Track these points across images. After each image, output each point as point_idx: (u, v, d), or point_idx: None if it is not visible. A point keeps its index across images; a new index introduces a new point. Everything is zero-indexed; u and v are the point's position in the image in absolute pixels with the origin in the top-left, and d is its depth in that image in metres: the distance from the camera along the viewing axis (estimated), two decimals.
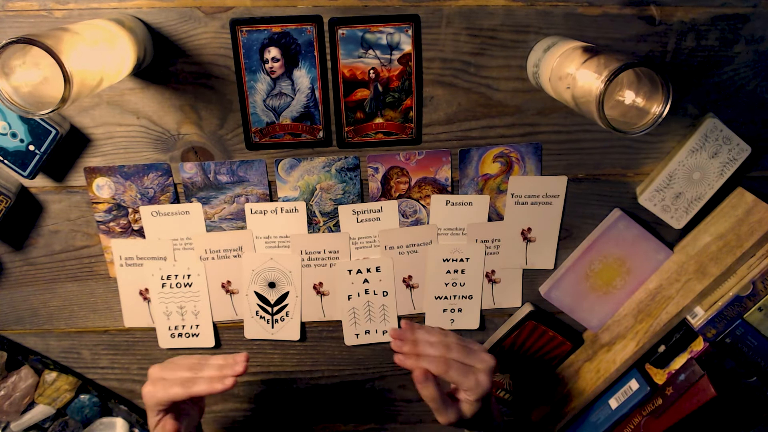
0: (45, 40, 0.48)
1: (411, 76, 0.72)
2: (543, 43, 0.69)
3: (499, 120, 0.75)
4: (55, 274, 0.81)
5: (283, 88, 0.72)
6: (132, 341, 0.86)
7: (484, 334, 0.88)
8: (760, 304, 0.73)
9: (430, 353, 0.65)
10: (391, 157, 0.77)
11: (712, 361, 0.76)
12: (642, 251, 0.81)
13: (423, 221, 0.81)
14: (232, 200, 0.78)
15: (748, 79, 0.74)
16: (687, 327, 0.77)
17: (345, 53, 0.70)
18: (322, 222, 0.80)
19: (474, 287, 0.84)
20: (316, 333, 0.87)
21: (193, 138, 0.74)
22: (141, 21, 0.67)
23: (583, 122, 0.75)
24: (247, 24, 0.68)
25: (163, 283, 0.81)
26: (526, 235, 0.81)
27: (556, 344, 0.86)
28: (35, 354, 0.85)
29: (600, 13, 0.70)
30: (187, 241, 0.80)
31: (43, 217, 0.78)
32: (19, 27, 0.67)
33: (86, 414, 0.86)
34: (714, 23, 0.71)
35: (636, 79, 0.58)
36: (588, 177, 0.79)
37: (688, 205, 0.77)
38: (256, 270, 0.82)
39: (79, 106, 0.72)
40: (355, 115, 0.74)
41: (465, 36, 0.70)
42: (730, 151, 0.74)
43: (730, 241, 0.73)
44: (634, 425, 0.80)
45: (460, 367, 0.64)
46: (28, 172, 0.71)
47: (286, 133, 0.74)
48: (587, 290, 0.83)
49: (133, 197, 0.77)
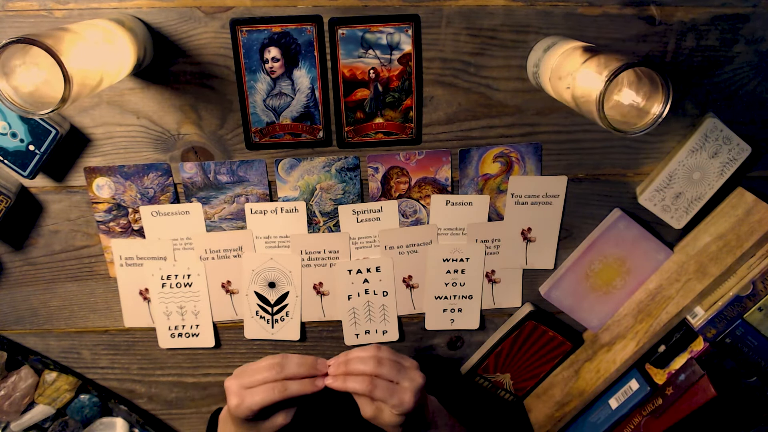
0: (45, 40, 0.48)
1: (411, 76, 0.72)
2: (543, 43, 0.69)
3: (499, 120, 0.75)
4: (55, 274, 0.81)
5: (283, 88, 0.72)
6: (132, 341, 0.86)
7: (484, 334, 0.88)
8: (760, 304, 0.73)
9: (358, 368, 0.66)
10: (391, 157, 0.77)
11: (712, 361, 0.76)
12: (642, 251, 0.81)
13: (423, 221, 0.81)
14: (232, 200, 0.78)
15: (748, 79, 0.74)
16: (687, 327, 0.77)
17: (345, 53, 0.70)
18: (322, 222, 0.80)
19: (474, 287, 0.84)
20: (316, 333, 0.87)
21: (193, 138, 0.74)
22: (141, 21, 0.67)
23: (583, 122, 0.75)
24: (247, 24, 0.68)
25: (163, 283, 0.81)
26: (526, 235, 0.81)
27: (556, 344, 0.86)
28: (35, 354, 0.85)
29: (600, 13, 0.70)
30: (187, 241, 0.80)
31: (43, 217, 0.78)
32: (19, 27, 0.67)
33: (86, 414, 0.86)
34: (714, 23, 0.71)
35: (636, 79, 0.58)
36: (588, 177, 0.79)
37: (688, 205, 0.77)
38: (256, 270, 0.82)
39: (79, 106, 0.72)
40: (355, 115, 0.74)
41: (465, 36, 0.70)
42: (730, 151, 0.74)
43: (730, 241, 0.73)
44: (634, 425, 0.80)
45: (386, 386, 0.65)
46: (28, 172, 0.71)
47: (286, 133, 0.74)
48: (587, 290, 0.83)
49: (133, 197, 0.77)
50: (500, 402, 0.91)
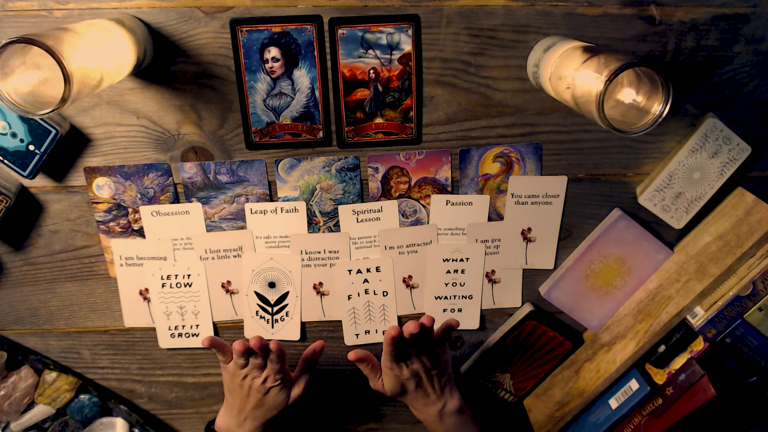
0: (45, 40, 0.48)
1: (411, 76, 0.72)
2: (543, 43, 0.69)
3: (499, 120, 0.75)
4: (55, 274, 0.81)
5: (283, 88, 0.72)
6: (132, 341, 0.86)
7: (484, 334, 0.88)
8: (760, 304, 0.73)
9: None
10: (391, 157, 0.77)
11: (712, 361, 0.76)
12: (642, 251, 0.81)
13: (423, 221, 0.81)
14: (232, 200, 0.78)
15: (748, 79, 0.74)
16: (687, 327, 0.77)
17: (345, 53, 0.70)
18: (322, 222, 0.80)
19: (474, 287, 0.84)
20: (316, 333, 0.87)
21: (193, 138, 0.74)
22: (141, 21, 0.67)
23: (583, 122, 0.75)
24: (247, 24, 0.68)
25: (163, 283, 0.81)
26: (526, 235, 0.81)
27: (556, 344, 0.85)
28: (35, 354, 0.85)
29: (600, 13, 0.70)
30: (187, 241, 0.80)
31: (43, 217, 0.78)
32: (19, 27, 0.67)
33: (86, 414, 0.85)
34: (714, 23, 0.71)
35: (636, 79, 0.58)
36: (588, 177, 0.79)
37: (688, 205, 0.77)
38: (256, 270, 0.82)
39: (79, 106, 0.72)
40: (355, 115, 0.74)
41: (465, 36, 0.70)
42: (730, 151, 0.74)
43: (730, 241, 0.73)
44: (634, 425, 0.80)
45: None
46: (28, 172, 0.71)
47: (286, 133, 0.74)
48: (587, 290, 0.83)
49: (133, 197, 0.77)
50: (500, 402, 0.91)
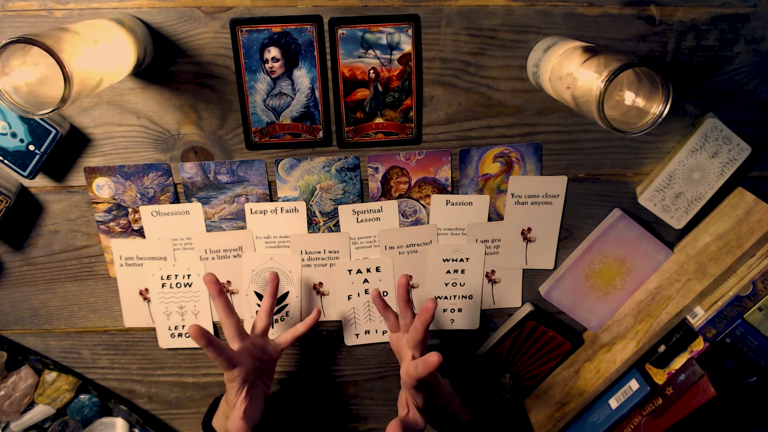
0: (45, 40, 0.48)
1: (411, 76, 0.72)
2: (543, 43, 0.69)
3: (499, 120, 0.75)
4: (55, 274, 0.81)
5: (283, 88, 0.72)
6: (132, 341, 0.86)
7: (484, 334, 0.88)
8: (760, 304, 0.73)
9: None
10: (391, 157, 0.77)
11: (712, 361, 0.76)
12: (642, 251, 0.81)
13: (423, 221, 0.81)
14: (232, 200, 0.78)
15: (748, 79, 0.74)
16: (687, 327, 0.77)
17: (345, 53, 0.70)
18: (322, 222, 0.80)
19: (474, 287, 0.84)
20: (316, 333, 0.87)
21: (193, 138, 0.74)
22: (141, 21, 0.67)
23: (583, 122, 0.75)
24: (247, 24, 0.68)
25: (163, 283, 0.81)
26: (526, 235, 0.81)
27: (556, 344, 0.85)
28: (35, 354, 0.85)
29: (600, 13, 0.70)
30: (187, 241, 0.80)
31: (43, 217, 0.78)
32: (19, 27, 0.67)
33: (86, 414, 0.86)
34: (714, 23, 0.71)
35: (636, 79, 0.58)
36: (588, 177, 0.79)
37: (688, 205, 0.77)
38: (256, 270, 0.82)
39: (79, 106, 0.72)
40: (355, 115, 0.74)
41: (465, 36, 0.70)
42: (730, 151, 0.74)
43: (730, 241, 0.73)
44: (634, 425, 0.80)
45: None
46: (28, 172, 0.71)
47: (286, 133, 0.74)
48: (587, 290, 0.83)
49: (133, 197, 0.77)
50: (500, 402, 0.91)
